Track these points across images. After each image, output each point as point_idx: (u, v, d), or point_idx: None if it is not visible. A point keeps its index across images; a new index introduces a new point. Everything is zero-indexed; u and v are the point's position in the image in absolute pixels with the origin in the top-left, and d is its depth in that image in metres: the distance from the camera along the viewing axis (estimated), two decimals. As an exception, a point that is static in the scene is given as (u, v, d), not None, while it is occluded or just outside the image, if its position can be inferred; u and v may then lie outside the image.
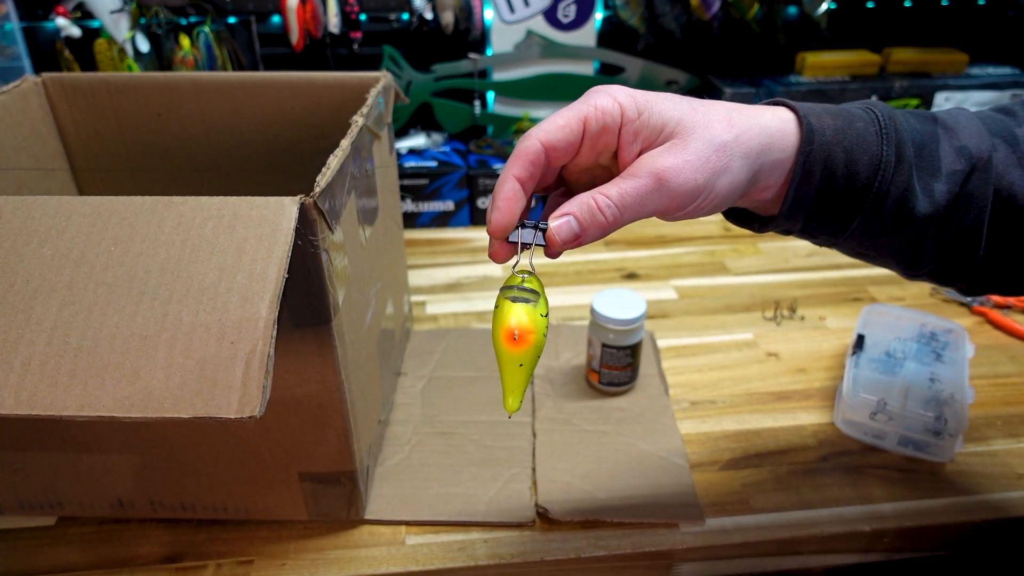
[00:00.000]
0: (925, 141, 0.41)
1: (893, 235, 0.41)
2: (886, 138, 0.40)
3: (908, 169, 0.39)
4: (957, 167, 0.40)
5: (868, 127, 0.40)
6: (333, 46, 1.00)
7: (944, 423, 0.59)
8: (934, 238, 0.41)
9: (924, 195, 0.40)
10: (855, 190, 0.40)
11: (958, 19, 1.11)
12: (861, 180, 0.39)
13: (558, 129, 0.36)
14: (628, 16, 1.00)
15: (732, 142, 0.37)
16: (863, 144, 0.39)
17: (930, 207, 0.40)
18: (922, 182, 0.40)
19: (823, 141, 0.39)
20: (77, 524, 0.55)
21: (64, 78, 0.64)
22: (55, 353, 0.38)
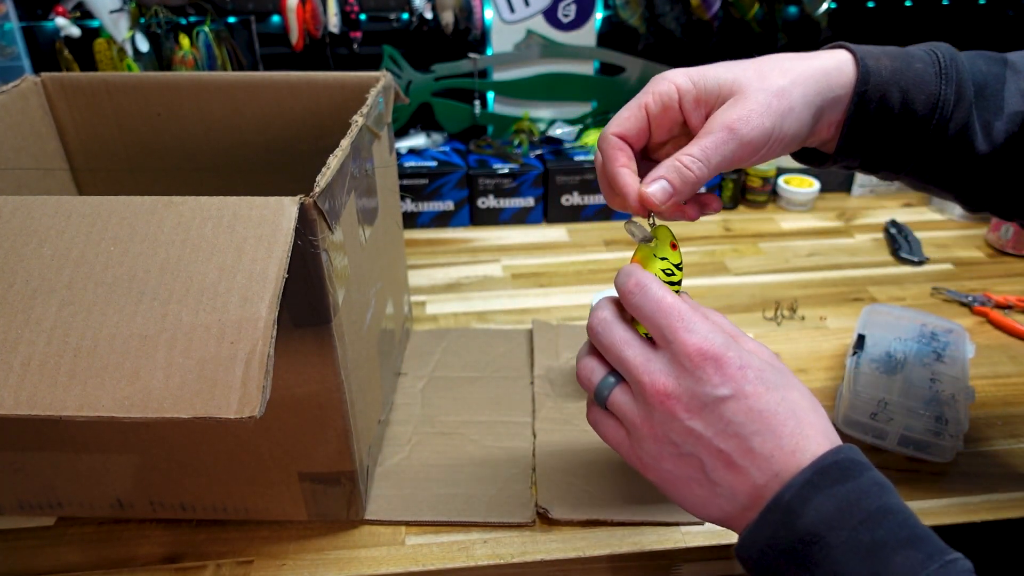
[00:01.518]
0: (988, 81, 0.42)
1: (952, 172, 0.43)
2: (945, 78, 0.42)
3: (967, 108, 0.41)
4: (1020, 108, 0.42)
5: (928, 68, 0.42)
6: (333, 46, 1.00)
7: (945, 423, 0.59)
8: (994, 176, 0.43)
9: (983, 134, 0.42)
10: (912, 127, 0.42)
11: (958, 19, 1.11)
12: (918, 118, 0.41)
13: (624, 120, 0.41)
14: (628, 16, 1.00)
15: (789, 86, 0.40)
16: (921, 83, 0.42)
17: (988, 146, 0.42)
18: (982, 120, 0.42)
19: (879, 80, 0.41)
20: (77, 524, 0.55)
21: (64, 78, 0.64)
22: (55, 353, 0.38)
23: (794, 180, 1.05)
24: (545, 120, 1.07)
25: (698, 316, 0.36)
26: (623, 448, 0.39)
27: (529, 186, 0.98)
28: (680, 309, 0.36)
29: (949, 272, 0.89)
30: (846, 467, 0.33)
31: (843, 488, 0.32)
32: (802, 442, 0.34)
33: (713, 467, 0.35)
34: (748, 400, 0.34)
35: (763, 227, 1.00)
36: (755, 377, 0.35)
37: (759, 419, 0.34)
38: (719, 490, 0.35)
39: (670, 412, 0.36)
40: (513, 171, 0.97)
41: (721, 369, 0.35)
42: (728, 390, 0.34)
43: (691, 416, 0.35)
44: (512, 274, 0.89)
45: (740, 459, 0.34)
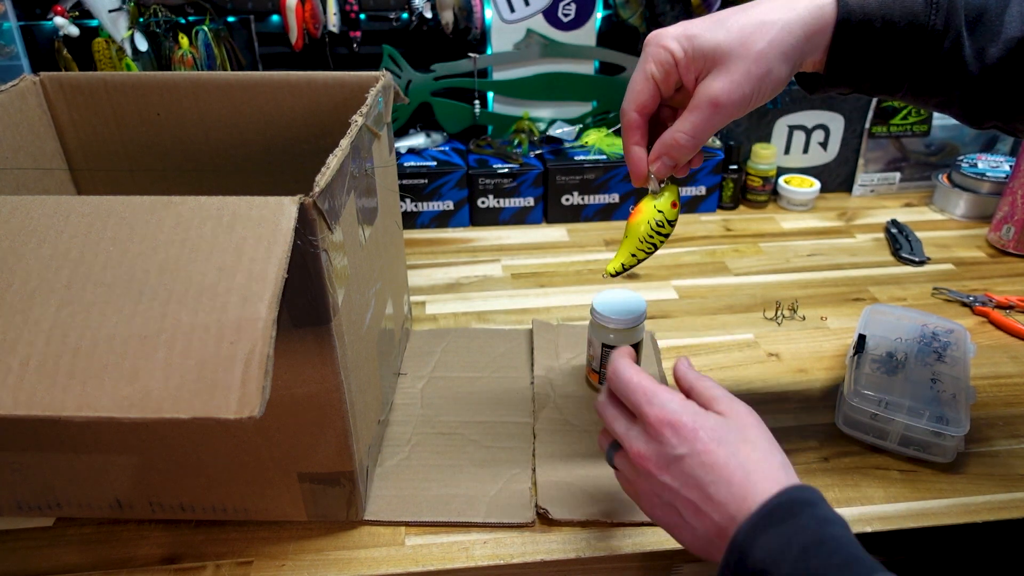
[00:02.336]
0: (989, 5, 0.44)
1: (946, 91, 0.45)
2: (934, 7, 0.43)
3: (956, 34, 0.43)
4: (1018, 33, 0.43)
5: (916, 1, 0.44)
6: (332, 45, 1.00)
7: (946, 423, 0.59)
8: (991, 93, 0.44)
9: (976, 58, 0.43)
10: (898, 56, 0.44)
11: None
12: (905, 47, 0.44)
13: (638, 93, 0.47)
14: (628, 15, 1.00)
15: (767, 48, 0.43)
16: (907, 14, 0.43)
17: (979, 68, 0.43)
18: (975, 47, 0.43)
19: (862, 15, 0.43)
20: (75, 525, 0.55)
21: (62, 77, 0.64)
22: (54, 353, 0.37)
23: (795, 180, 1.04)
24: (545, 120, 1.07)
25: (660, 389, 0.44)
26: (632, 497, 0.47)
27: (529, 186, 0.98)
28: (643, 386, 0.44)
29: (950, 272, 0.88)
30: (789, 507, 0.38)
31: (784, 526, 0.37)
32: (751, 488, 0.39)
33: (686, 513, 0.42)
34: (701, 456, 0.41)
35: (764, 227, 1.00)
36: (707, 436, 0.41)
37: (713, 471, 0.40)
38: (697, 531, 0.41)
39: (647, 471, 0.43)
40: (513, 171, 0.96)
41: (677, 432, 0.42)
42: (684, 449, 0.41)
43: (662, 472, 0.42)
44: (512, 274, 0.89)
45: (703, 505, 0.40)
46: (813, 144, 1.05)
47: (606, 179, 0.98)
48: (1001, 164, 1.00)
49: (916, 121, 1.03)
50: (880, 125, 1.03)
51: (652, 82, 0.46)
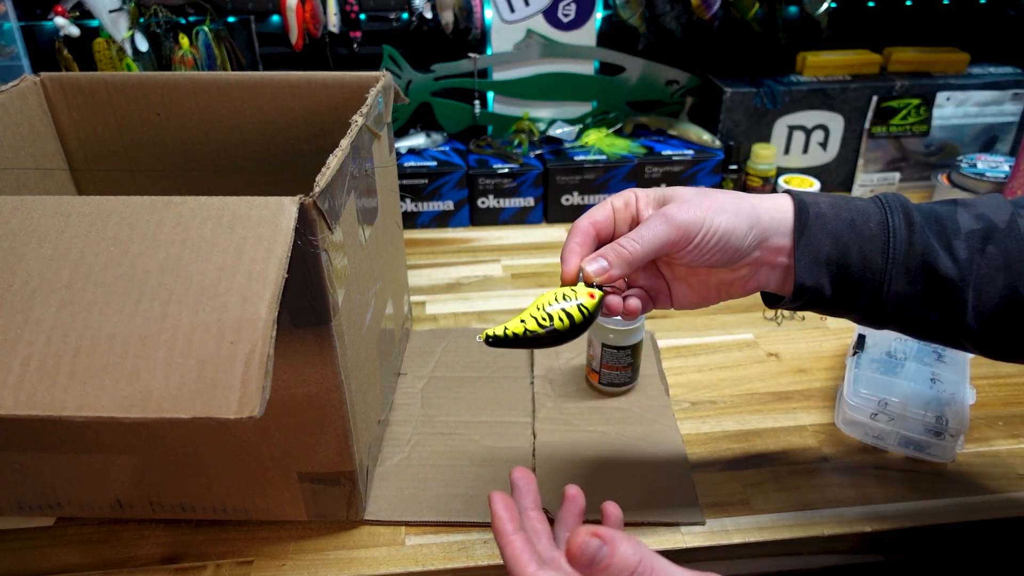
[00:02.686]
0: (939, 212, 0.44)
1: (928, 300, 0.44)
2: (888, 208, 0.45)
3: (920, 230, 0.43)
4: (976, 226, 0.43)
5: (868, 204, 0.45)
6: (333, 46, 1.00)
7: (945, 423, 0.59)
8: (972, 301, 0.43)
9: (945, 253, 0.43)
10: (872, 252, 0.44)
11: (959, 19, 1.11)
12: (876, 243, 0.44)
13: (595, 211, 0.47)
14: (628, 15, 1.00)
15: (724, 196, 0.45)
16: (866, 212, 0.45)
17: (954, 266, 0.43)
18: (942, 242, 0.43)
19: (818, 211, 0.45)
20: (76, 525, 0.55)
21: (63, 77, 0.64)
22: (54, 353, 0.37)
23: (795, 180, 1.04)
24: (545, 120, 1.07)
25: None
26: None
27: (529, 186, 0.98)
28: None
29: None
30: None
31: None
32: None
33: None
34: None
35: (763, 227, 1.00)
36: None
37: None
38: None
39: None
40: (513, 171, 0.97)
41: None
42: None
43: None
44: (512, 274, 0.89)
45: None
46: (813, 144, 1.05)
47: (606, 179, 0.98)
48: (1000, 164, 1.00)
49: (916, 121, 1.03)
50: (880, 125, 1.03)
51: (610, 207, 0.47)
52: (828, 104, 1.02)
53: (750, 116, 1.02)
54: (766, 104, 1.01)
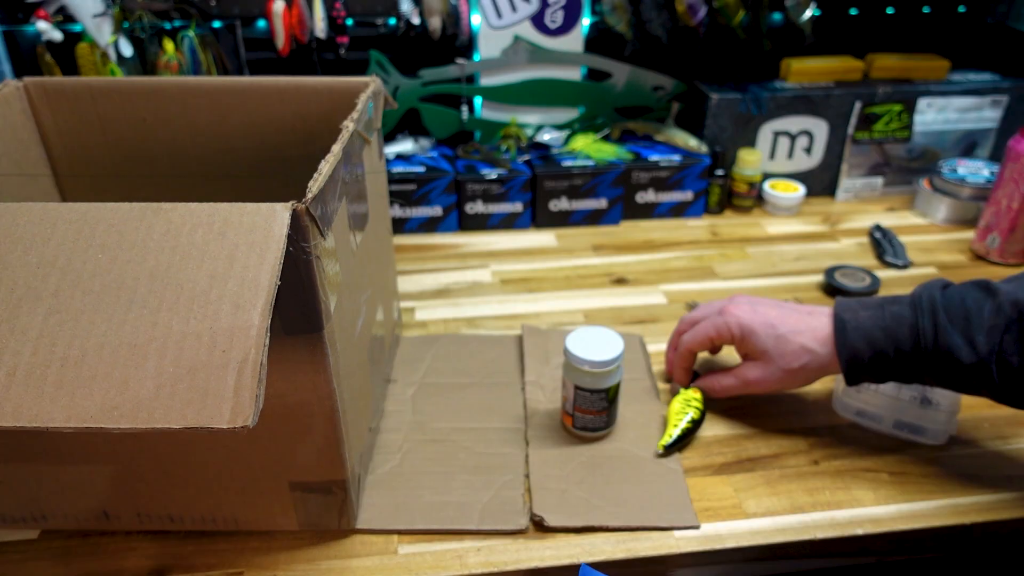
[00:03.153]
0: (969, 306, 0.53)
1: (954, 381, 0.54)
2: (920, 310, 0.55)
3: (944, 330, 0.53)
4: (997, 322, 0.52)
5: (904, 309, 0.56)
6: (319, 51, 0.99)
7: (937, 404, 0.61)
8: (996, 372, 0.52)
9: (968, 347, 0.52)
10: (903, 354, 0.55)
11: (939, 26, 1.13)
12: (906, 346, 0.55)
13: (699, 343, 0.65)
14: (615, 22, 1.01)
15: (798, 369, 0.60)
16: (899, 320, 0.55)
17: (974, 354, 0.52)
18: (966, 337, 0.52)
19: (859, 332, 0.56)
20: (61, 537, 0.54)
21: (46, 82, 0.63)
22: (41, 363, 0.37)
23: (779, 185, 1.05)
24: (532, 125, 1.07)
25: None
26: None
27: (517, 191, 0.98)
28: None
29: (933, 276, 0.90)
30: None
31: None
32: None
33: None
34: None
35: (750, 231, 1.01)
36: None
37: None
38: None
39: None
40: (501, 176, 0.97)
41: None
42: None
43: None
44: (501, 279, 0.89)
45: None
46: (797, 149, 1.06)
47: (593, 184, 0.98)
48: (980, 169, 1.01)
49: (898, 127, 1.05)
50: (863, 131, 1.04)
51: (710, 340, 0.64)
52: (812, 110, 1.03)
53: (736, 122, 1.03)
54: (751, 110, 1.02)
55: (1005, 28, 1.10)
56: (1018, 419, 0.65)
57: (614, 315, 0.82)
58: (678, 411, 0.63)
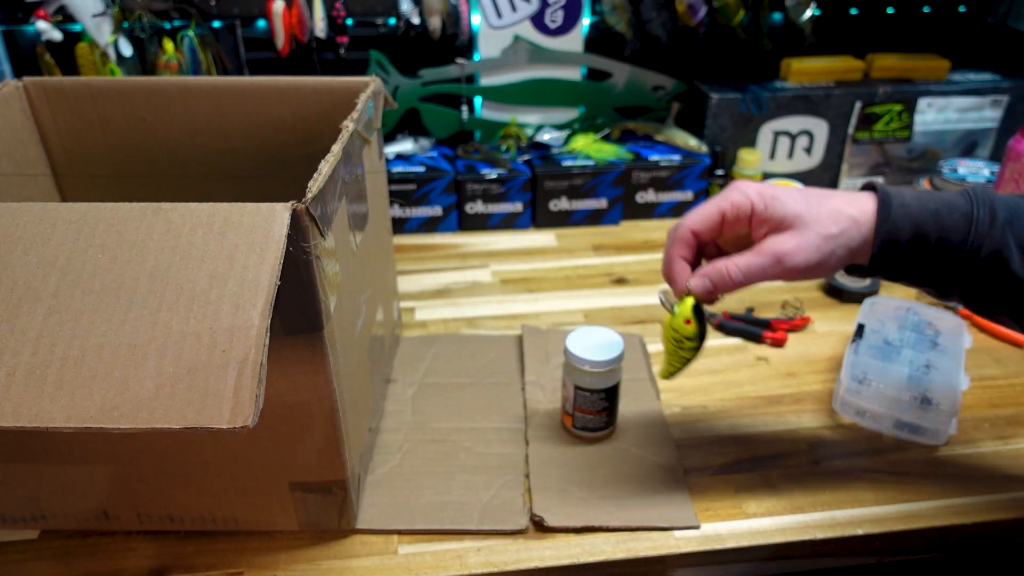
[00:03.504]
0: (1021, 207, 0.46)
1: (997, 295, 0.46)
2: (976, 200, 0.46)
3: (1002, 228, 0.45)
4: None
5: (957, 197, 0.47)
6: (319, 51, 0.99)
7: (937, 405, 0.61)
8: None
9: (1018, 252, 0.45)
10: (947, 246, 0.46)
11: (939, 26, 1.13)
12: (954, 236, 0.46)
13: (702, 220, 0.49)
14: (615, 22, 1.01)
15: (838, 235, 0.47)
16: (952, 206, 0.46)
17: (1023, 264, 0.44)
18: (1018, 241, 0.45)
19: (904, 209, 0.47)
20: (61, 537, 0.54)
21: (46, 82, 0.63)
22: (41, 363, 0.37)
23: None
24: (532, 125, 1.07)
25: None
26: None
27: (517, 191, 0.98)
28: None
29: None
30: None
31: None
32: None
33: None
34: None
35: (750, 232, 1.00)
36: None
37: None
38: None
39: None
40: (501, 176, 0.96)
41: None
42: None
43: None
44: (501, 279, 0.89)
45: None
46: (798, 149, 1.06)
47: (593, 184, 0.98)
48: (981, 169, 1.01)
49: (898, 127, 1.05)
50: (863, 131, 1.04)
51: (720, 216, 0.48)
52: (812, 110, 1.03)
53: (736, 121, 1.03)
54: (751, 110, 1.02)
55: (1005, 28, 1.10)
56: (1018, 419, 0.66)
57: (614, 315, 0.82)
58: (670, 350, 0.53)
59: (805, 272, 0.47)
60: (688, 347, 0.51)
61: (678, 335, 0.51)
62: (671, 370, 0.54)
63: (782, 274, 0.47)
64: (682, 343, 0.51)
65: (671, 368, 0.54)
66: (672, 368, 0.54)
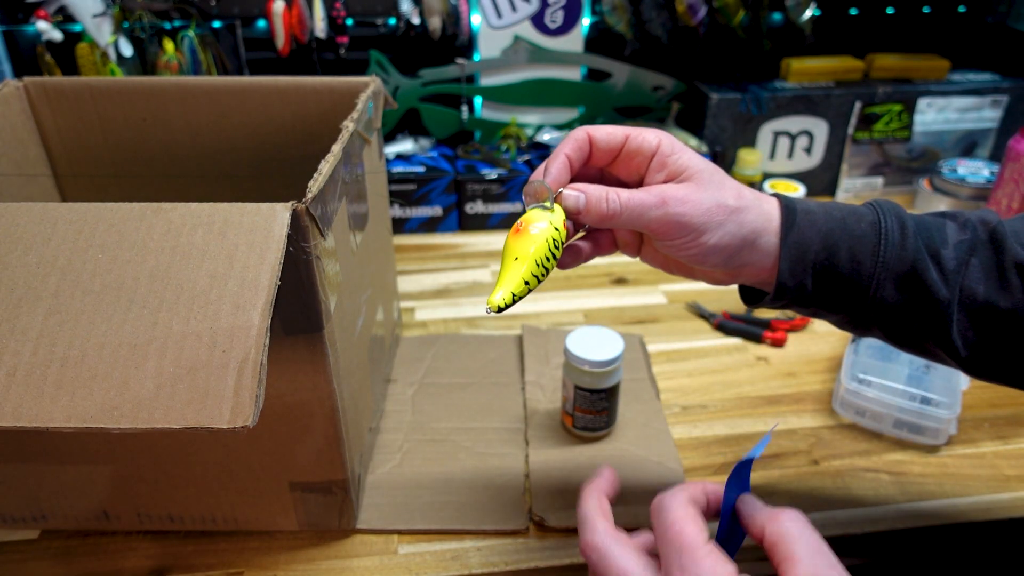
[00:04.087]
0: (928, 223, 0.43)
1: (914, 312, 0.42)
2: (882, 211, 0.43)
3: (913, 236, 0.42)
4: (963, 237, 0.42)
5: (861, 207, 0.44)
6: (319, 51, 0.99)
7: (937, 404, 0.61)
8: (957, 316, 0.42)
9: (933, 263, 0.41)
10: (862, 254, 0.42)
11: (939, 26, 1.13)
12: (866, 244, 0.42)
13: (605, 131, 0.43)
14: (615, 22, 1.01)
15: (735, 209, 0.42)
16: (858, 213, 0.43)
17: (940, 277, 0.41)
18: (931, 251, 0.42)
19: (807, 209, 0.43)
20: (61, 537, 0.54)
21: (46, 82, 0.63)
22: (41, 363, 0.37)
23: (780, 185, 1.05)
24: (532, 125, 1.07)
25: (708, 557, 0.35)
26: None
27: (517, 191, 0.98)
28: (690, 545, 0.35)
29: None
30: None
31: None
32: None
33: None
34: None
35: (750, 232, 1.00)
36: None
37: None
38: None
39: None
40: (501, 176, 0.96)
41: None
42: None
43: None
44: (501, 279, 0.89)
45: None
46: (798, 149, 1.06)
47: (594, 184, 0.98)
48: (980, 169, 1.01)
49: (898, 127, 1.05)
50: (863, 131, 1.04)
51: (623, 136, 0.43)
52: (812, 110, 1.03)
53: (736, 121, 1.03)
54: (751, 110, 1.02)
55: (1005, 28, 1.10)
56: (1018, 419, 0.66)
57: (614, 315, 0.82)
58: (541, 255, 0.40)
59: (686, 232, 0.41)
60: (557, 257, 0.41)
61: (558, 236, 0.41)
62: (523, 291, 0.40)
63: (658, 223, 0.41)
64: (558, 248, 0.41)
65: (523, 288, 0.40)
66: (524, 288, 0.40)
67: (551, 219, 0.41)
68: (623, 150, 0.43)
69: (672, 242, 0.42)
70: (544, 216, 0.41)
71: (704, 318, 0.80)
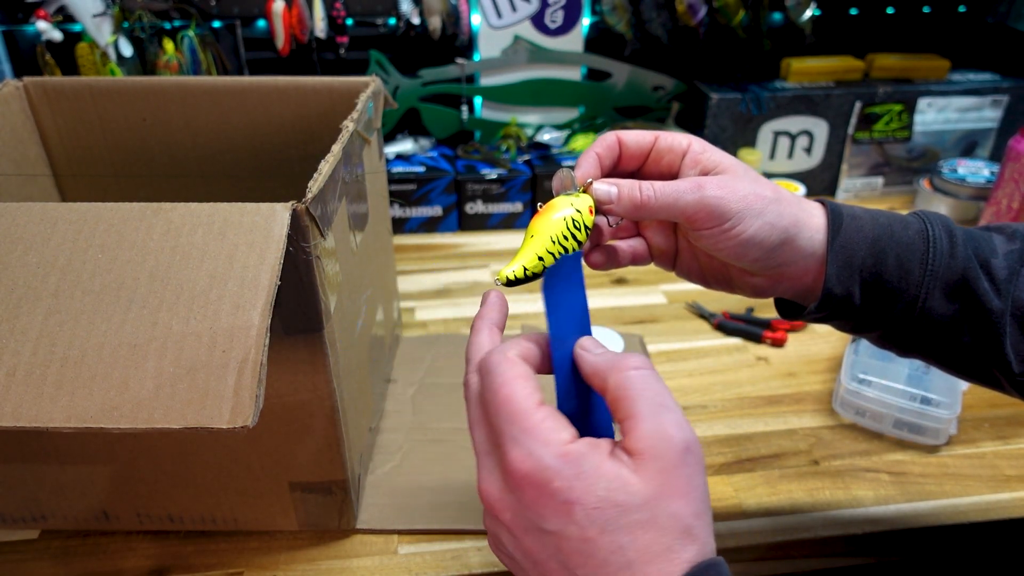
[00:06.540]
0: (974, 233, 0.41)
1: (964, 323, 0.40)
2: (929, 220, 0.41)
3: (962, 245, 0.40)
4: (1012, 247, 0.40)
5: (907, 216, 0.42)
6: (319, 51, 0.99)
7: (937, 404, 0.61)
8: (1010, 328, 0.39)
9: (984, 272, 0.40)
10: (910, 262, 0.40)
11: (939, 26, 1.13)
12: (915, 252, 0.40)
13: (634, 133, 0.43)
14: (615, 22, 1.00)
15: (772, 198, 0.40)
16: (904, 221, 0.41)
17: (992, 287, 0.39)
18: (980, 259, 0.40)
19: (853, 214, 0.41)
20: (61, 537, 0.54)
21: (46, 82, 0.63)
22: (41, 363, 0.37)
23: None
24: (532, 125, 1.07)
25: (538, 418, 0.31)
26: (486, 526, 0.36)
27: (517, 191, 0.98)
28: (513, 407, 0.31)
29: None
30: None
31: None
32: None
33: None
34: (572, 542, 0.29)
35: (750, 232, 1.00)
36: (583, 517, 0.29)
37: (587, 563, 0.29)
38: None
39: (501, 521, 0.32)
40: (501, 176, 0.96)
41: (543, 499, 0.30)
42: (552, 525, 0.30)
43: (519, 533, 0.31)
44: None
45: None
46: (798, 149, 1.06)
47: (594, 184, 0.98)
48: (980, 169, 1.01)
49: (898, 127, 1.05)
50: (863, 131, 1.04)
51: (652, 138, 0.42)
52: (812, 110, 1.03)
53: (736, 121, 1.03)
54: (751, 110, 1.02)
55: (1005, 28, 1.10)
56: (1018, 419, 0.65)
57: (614, 315, 0.82)
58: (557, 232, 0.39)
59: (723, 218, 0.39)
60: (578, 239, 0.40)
61: (579, 217, 0.40)
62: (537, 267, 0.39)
63: (694, 210, 0.39)
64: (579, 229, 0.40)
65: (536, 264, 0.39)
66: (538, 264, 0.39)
67: (573, 202, 0.40)
68: (653, 149, 0.42)
69: (709, 231, 0.40)
70: (567, 201, 0.40)
71: (704, 318, 0.80)
